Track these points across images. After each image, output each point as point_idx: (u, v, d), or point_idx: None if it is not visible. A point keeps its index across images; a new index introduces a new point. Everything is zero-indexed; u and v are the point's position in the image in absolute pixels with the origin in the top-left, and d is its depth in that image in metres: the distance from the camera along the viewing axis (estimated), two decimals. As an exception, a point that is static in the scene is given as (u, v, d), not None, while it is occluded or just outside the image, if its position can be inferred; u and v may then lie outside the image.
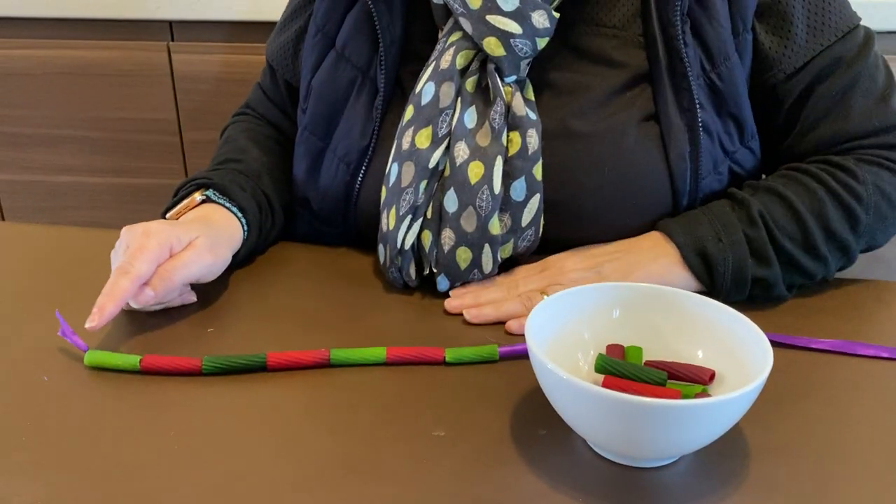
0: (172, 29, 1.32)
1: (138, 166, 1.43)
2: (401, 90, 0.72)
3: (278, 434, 0.52)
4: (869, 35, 0.70)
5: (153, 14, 1.29)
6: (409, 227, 0.66)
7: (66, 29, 1.34)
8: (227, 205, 0.71)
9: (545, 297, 0.66)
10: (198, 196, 0.71)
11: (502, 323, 0.65)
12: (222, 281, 0.72)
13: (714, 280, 0.65)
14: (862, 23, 0.71)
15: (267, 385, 0.57)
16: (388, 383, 0.58)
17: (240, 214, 0.71)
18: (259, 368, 0.58)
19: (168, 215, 0.71)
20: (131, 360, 0.58)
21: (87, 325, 0.57)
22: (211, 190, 0.72)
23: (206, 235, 0.65)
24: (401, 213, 0.65)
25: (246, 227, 0.71)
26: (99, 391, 0.57)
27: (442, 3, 0.68)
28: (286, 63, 0.81)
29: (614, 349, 0.55)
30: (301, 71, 0.77)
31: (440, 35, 0.70)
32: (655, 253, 0.67)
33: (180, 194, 0.73)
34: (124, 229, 0.64)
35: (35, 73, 1.37)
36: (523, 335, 0.65)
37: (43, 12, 1.31)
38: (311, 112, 0.74)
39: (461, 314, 0.65)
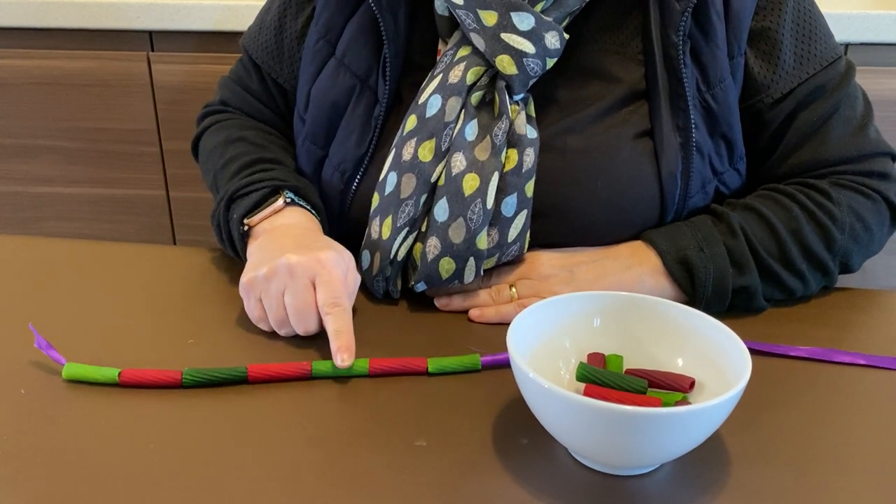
0: (152, 39, 1.32)
1: (117, 177, 1.42)
2: (399, 100, 0.72)
3: (260, 447, 0.52)
4: (850, 66, 0.72)
5: (133, 24, 1.28)
6: (404, 239, 0.66)
7: (45, 39, 1.33)
8: (308, 208, 0.71)
9: (513, 289, 0.67)
10: (281, 200, 0.69)
11: (484, 333, 0.65)
12: (202, 291, 0.71)
13: (695, 289, 0.66)
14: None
15: (248, 397, 0.57)
16: (370, 394, 0.57)
17: (318, 218, 0.71)
18: (240, 381, 0.58)
19: (251, 220, 0.69)
20: (110, 373, 0.58)
21: (341, 364, 0.58)
22: (289, 192, 0.70)
23: (351, 257, 0.65)
24: (398, 225, 0.65)
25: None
26: (77, 405, 0.56)
27: (447, 15, 0.69)
28: (279, 65, 0.79)
29: (595, 358, 0.56)
30: (300, 78, 0.76)
31: (444, 48, 0.70)
32: (631, 261, 0.67)
33: (254, 196, 0.69)
34: (295, 263, 0.61)
35: (13, 82, 1.35)
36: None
37: (21, 22, 1.30)
38: (310, 122, 0.74)
39: (445, 324, 0.66)
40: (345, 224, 0.74)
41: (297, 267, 0.61)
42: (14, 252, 0.79)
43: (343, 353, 0.58)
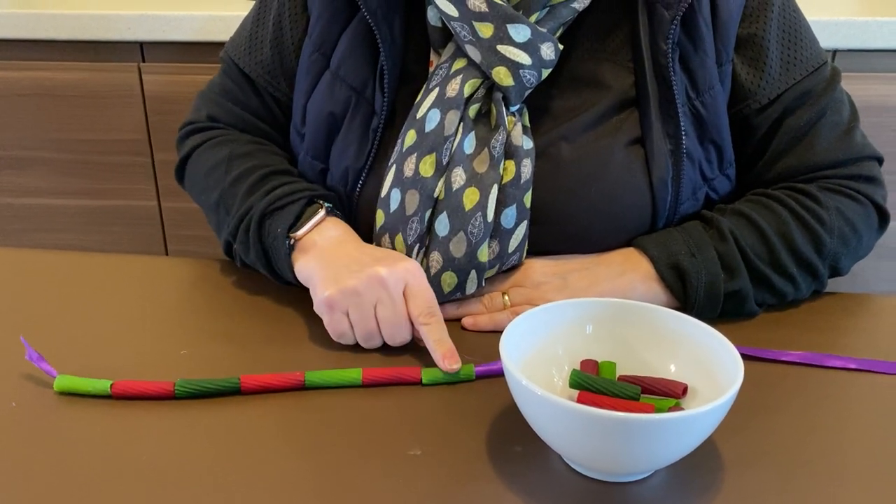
0: (143, 50, 1.32)
1: (109, 188, 1.41)
2: (393, 110, 0.71)
3: (253, 457, 0.52)
4: (836, 71, 0.73)
5: (124, 35, 1.28)
6: (417, 255, 0.66)
7: (36, 50, 1.33)
8: (341, 217, 0.70)
9: (506, 297, 0.67)
10: (323, 211, 0.68)
11: (478, 341, 0.65)
12: (194, 302, 0.71)
13: (687, 294, 0.66)
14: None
15: (241, 408, 0.57)
16: (364, 404, 0.57)
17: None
18: (233, 392, 0.58)
19: (297, 234, 0.67)
20: (102, 385, 0.57)
21: (451, 369, 0.59)
22: (326, 202, 0.69)
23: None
24: (409, 242, 0.66)
25: None
26: (69, 417, 0.56)
27: (440, 26, 0.69)
28: (276, 80, 0.77)
29: (588, 364, 0.56)
30: (295, 91, 0.75)
31: (438, 60, 0.70)
32: (624, 268, 0.68)
33: (292, 209, 0.67)
34: (386, 275, 0.61)
35: (4, 94, 1.35)
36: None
37: (12, 34, 1.30)
38: (308, 136, 0.73)
39: None
40: None
41: (388, 279, 0.61)
42: (5, 264, 0.78)
43: (449, 359, 0.59)
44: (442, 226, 0.65)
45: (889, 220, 0.73)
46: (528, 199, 0.66)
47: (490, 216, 0.64)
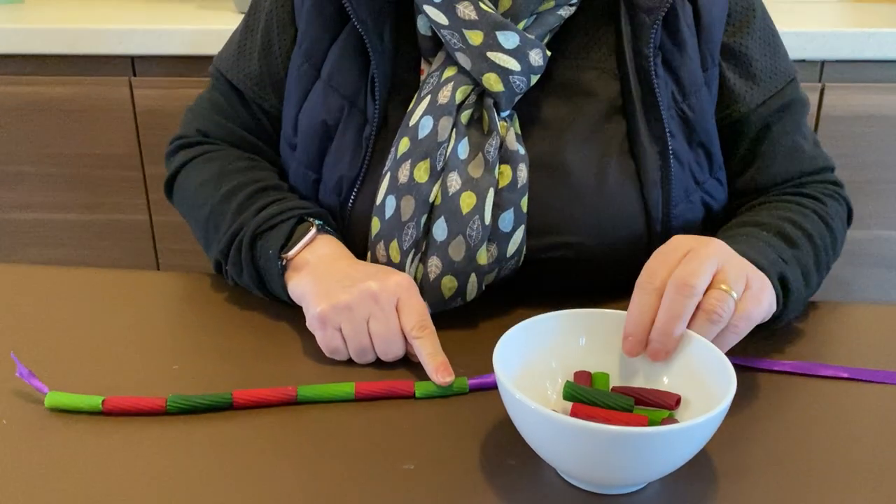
0: (134, 64, 1.32)
1: (100, 202, 1.41)
2: (385, 118, 0.72)
3: (246, 473, 0.52)
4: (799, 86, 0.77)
5: (114, 49, 1.28)
6: (412, 262, 0.66)
7: (27, 65, 1.33)
8: (334, 234, 0.70)
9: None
10: (314, 230, 0.68)
11: (471, 354, 0.65)
12: (186, 317, 0.71)
13: (788, 303, 0.63)
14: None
15: (233, 423, 0.57)
16: (356, 418, 0.57)
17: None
18: (225, 407, 0.58)
19: (289, 254, 0.66)
20: (93, 401, 0.57)
21: (444, 382, 0.59)
22: (318, 220, 0.69)
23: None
24: (405, 248, 0.66)
25: None
26: (60, 433, 0.55)
27: (430, 35, 0.69)
28: (265, 91, 0.77)
29: (582, 376, 0.56)
30: (285, 102, 0.75)
31: (429, 68, 0.70)
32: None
33: (282, 228, 0.67)
34: (378, 289, 0.61)
35: (-7, 109, 1.35)
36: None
37: (3, 48, 1.30)
38: (301, 147, 0.73)
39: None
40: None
41: (380, 293, 0.61)
42: (-5, 280, 0.78)
43: (442, 372, 0.59)
44: (440, 230, 0.65)
45: (852, 218, 0.78)
46: (524, 204, 0.67)
47: (487, 219, 0.65)
